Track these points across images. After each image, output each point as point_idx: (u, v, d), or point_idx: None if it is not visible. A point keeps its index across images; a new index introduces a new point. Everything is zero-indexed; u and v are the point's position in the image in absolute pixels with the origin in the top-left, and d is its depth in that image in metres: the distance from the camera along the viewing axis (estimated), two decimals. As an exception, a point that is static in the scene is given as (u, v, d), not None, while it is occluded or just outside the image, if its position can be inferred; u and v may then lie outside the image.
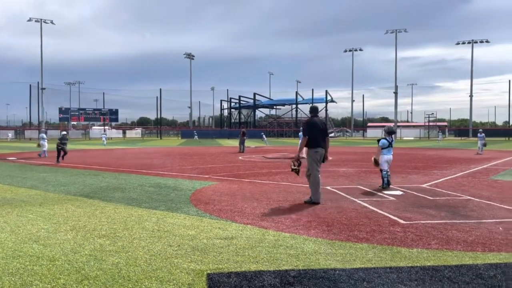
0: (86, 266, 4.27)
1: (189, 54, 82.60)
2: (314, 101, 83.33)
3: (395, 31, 73.55)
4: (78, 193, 9.18)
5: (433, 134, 70.37)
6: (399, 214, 6.82)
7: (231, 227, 5.96)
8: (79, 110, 71.56)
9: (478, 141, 25.43)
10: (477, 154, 23.86)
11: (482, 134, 25.43)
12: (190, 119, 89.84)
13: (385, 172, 9.96)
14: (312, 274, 4.04)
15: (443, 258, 4.51)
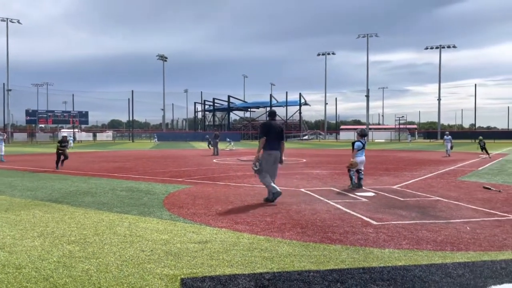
0: (55, 273, 4.13)
1: (162, 56, 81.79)
2: (288, 104, 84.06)
3: (367, 36, 75.19)
4: (46, 198, 8.89)
5: (404, 136, 72.19)
6: (371, 215, 6.94)
7: (205, 231, 5.91)
8: (47, 112, 69.57)
9: (444, 144, 25.62)
10: (445, 156, 24.06)
11: (449, 137, 25.61)
12: (163, 121, 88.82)
13: (355, 172, 10.42)
14: (286, 276, 4.04)
15: (413, 258, 4.61)
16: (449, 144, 24.94)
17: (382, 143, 60.49)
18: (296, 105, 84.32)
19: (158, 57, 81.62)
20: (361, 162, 10.52)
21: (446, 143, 25.16)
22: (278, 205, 7.92)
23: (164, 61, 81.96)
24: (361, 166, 10.53)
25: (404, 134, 72.86)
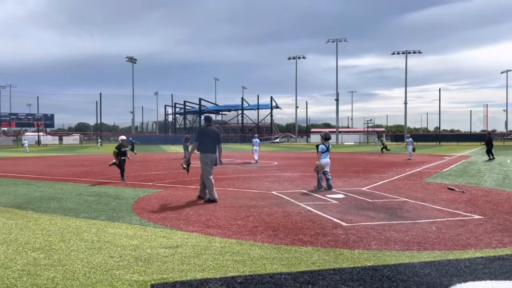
0: (19, 282, 3.96)
1: (131, 58, 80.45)
2: (259, 107, 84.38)
3: (336, 40, 76.57)
4: (9, 204, 8.53)
5: (372, 139, 73.86)
6: (341, 216, 7.05)
7: (176, 235, 5.83)
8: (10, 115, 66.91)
9: (407, 147, 25.40)
10: (408, 159, 23.77)
11: (410, 139, 25.47)
12: (133, 124, 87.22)
13: (322, 174, 10.81)
14: (258, 279, 4.05)
15: (382, 258, 4.71)
16: (411, 147, 24.75)
17: (351, 145, 61.65)
18: (268, 108, 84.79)
19: (127, 59, 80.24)
20: (326, 164, 10.93)
21: (408, 145, 25.05)
22: (250, 208, 7.92)
23: (133, 63, 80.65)
24: (326, 168, 10.92)
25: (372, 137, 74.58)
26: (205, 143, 9.03)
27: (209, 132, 9.21)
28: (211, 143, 9.08)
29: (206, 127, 9.35)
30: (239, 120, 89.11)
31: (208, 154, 9.03)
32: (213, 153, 9.09)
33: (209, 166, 9.03)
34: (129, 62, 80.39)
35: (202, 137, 9.11)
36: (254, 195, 9.72)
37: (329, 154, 11.26)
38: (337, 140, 74.19)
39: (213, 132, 9.27)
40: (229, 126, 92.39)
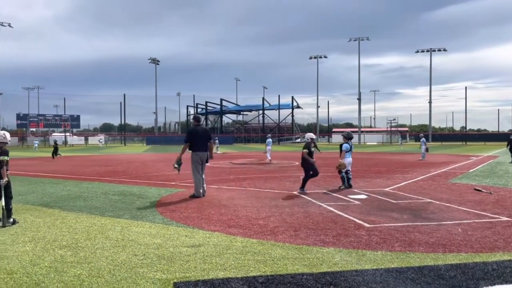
0: (46, 278, 4.08)
1: (154, 59, 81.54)
2: (280, 107, 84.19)
3: (358, 39, 75.64)
4: (37, 203, 8.80)
5: (395, 139, 72.64)
6: (364, 217, 6.97)
7: (198, 234, 5.89)
8: (38, 116, 68.94)
9: (421, 146, 24.33)
10: (420, 160, 22.83)
11: (423, 139, 24.61)
12: (156, 125, 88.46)
13: (344, 174, 10.78)
14: (279, 279, 4.04)
15: (406, 260, 4.64)
16: (424, 147, 23.82)
17: (373, 145, 60.82)
18: (289, 108, 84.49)
19: (150, 61, 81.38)
20: (348, 163, 10.93)
21: (422, 145, 24.10)
22: (271, 208, 7.92)
23: (156, 65, 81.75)
24: (349, 167, 10.92)
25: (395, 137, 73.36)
26: (195, 142, 9.45)
27: (199, 131, 9.61)
28: (201, 142, 9.49)
29: (196, 127, 9.74)
30: (260, 120, 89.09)
31: (198, 153, 9.47)
32: (203, 151, 9.51)
33: (198, 164, 9.46)
34: (152, 63, 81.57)
35: (192, 137, 9.49)
36: (275, 195, 9.71)
37: (352, 153, 11.20)
38: (360, 140, 73.30)
39: (203, 131, 9.74)
40: (250, 126, 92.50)
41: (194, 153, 9.49)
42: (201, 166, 9.54)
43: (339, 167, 10.77)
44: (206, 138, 9.64)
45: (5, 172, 6.58)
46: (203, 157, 9.54)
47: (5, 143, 6.73)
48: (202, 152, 9.52)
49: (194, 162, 9.48)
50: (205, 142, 9.59)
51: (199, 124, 9.91)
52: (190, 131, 9.70)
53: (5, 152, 6.68)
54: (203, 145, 9.55)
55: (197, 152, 9.48)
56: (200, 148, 9.50)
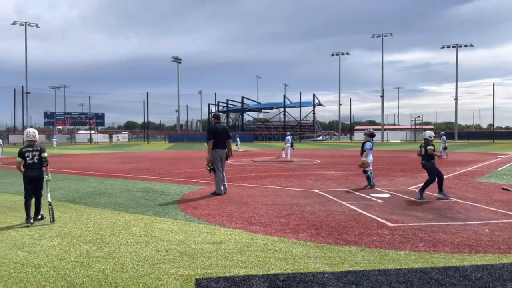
0: (72, 273, 4.19)
1: (176, 58, 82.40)
2: (302, 105, 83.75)
3: (381, 35, 74.50)
4: (63, 199, 9.04)
5: (419, 137, 71.26)
6: (386, 216, 6.87)
7: (220, 231, 5.93)
8: (64, 115, 70.68)
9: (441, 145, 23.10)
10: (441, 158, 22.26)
11: (443, 137, 23.82)
12: (178, 123, 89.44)
13: (370, 172, 10.58)
14: (301, 278, 4.03)
15: (430, 260, 4.55)
16: (443, 145, 22.84)
17: (397, 143, 59.82)
18: (310, 105, 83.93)
19: (172, 59, 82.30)
20: (370, 162, 10.76)
21: (442, 143, 23.10)
22: (292, 206, 7.90)
23: (178, 63, 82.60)
24: (370, 166, 10.76)
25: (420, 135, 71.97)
26: (215, 139, 9.53)
27: (219, 129, 9.71)
28: (221, 139, 9.60)
29: (215, 125, 9.83)
30: (281, 118, 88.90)
31: (218, 150, 9.56)
32: (222, 148, 9.62)
33: (218, 161, 9.56)
34: (174, 62, 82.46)
35: (213, 134, 9.55)
36: (296, 193, 9.68)
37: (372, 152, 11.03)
38: (383, 138, 72.26)
39: (223, 129, 9.83)
40: (271, 124, 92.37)
41: (213, 150, 9.57)
42: (221, 163, 9.64)
43: (363, 166, 10.58)
44: (225, 136, 9.75)
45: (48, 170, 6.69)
46: (222, 154, 9.65)
47: (35, 141, 6.69)
48: (222, 149, 9.63)
49: (214, 160, 9.57)
50: (224, 139, 9.70)
51: (219, 121, 10.03)
52: (211, 129, 9.78)
53: (44, 149, 6.70)
54: (223, 142, 9.66)
55: (216, 149, 9.57)
56: (220, 145, 9.60)
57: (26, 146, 6.62)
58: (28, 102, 65.18)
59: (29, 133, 6.69)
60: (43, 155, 6.55)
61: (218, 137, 9.57)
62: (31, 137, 6.65)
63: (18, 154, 6.60)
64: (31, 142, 6.63)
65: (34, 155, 6.51)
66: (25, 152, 6.52)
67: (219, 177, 9.49)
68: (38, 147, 6.59)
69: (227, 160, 9.88)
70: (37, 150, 6.56)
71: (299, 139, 75.08)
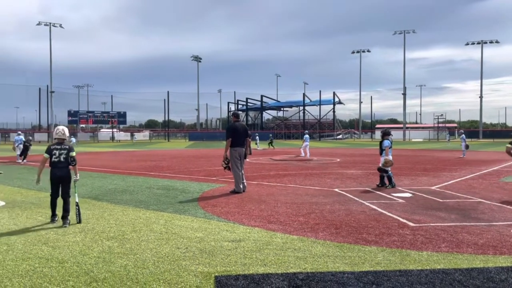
0: (95, 268, 4.28)
1: (196, 57, 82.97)
2: (321, 103, 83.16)
3: (403, 32, 73.20)
4: (86, 195, 9.23)
5: (443, 135, 69.82)
6: (408, 216, 6.76)
7: (239, 229, 5.95)
8: (87, 113, 72.14)
9: (461, 144, 23.09)
10: (461, 158, 21.70)
11: (463, 135, 23.50)
12: (198, 121, 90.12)
13: (391, 172, 10.32)
14: (320, 277, 4.01)
15: (453, 261, 4.45)
16: (464, 144, 22.57)
17: (419, 142, 58.76)
18: (330, 104, 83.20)
19: (192, 58, 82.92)
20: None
21: (462, 142, 22.89)
22: (312, 205, 7.86)
23: (198, 62, 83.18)
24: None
25: (443, 133, 70.47)
26: (235, 138, 9.61)
27: (238, 127, 9.78)
28: (240, 137, 9.68)
29: (235, 123, 9.88)
30: (300, 116, 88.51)
31: (237, 148, 9.65)
32: (241, 147, 9.71)
33: (237, 159, 9.62)
34: (194, 61, 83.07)
35: (232, 133, 9.62)
36: (316, 192, 9.63)
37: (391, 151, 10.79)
38: (404, 137, 71.08)
39: (242, 127, 9.91)
40: (290, 123, 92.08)
41: (233, 148, 9.64)
42: (240, 161, 9.69)
43: (386, 165, 10.31)
44: (244, 134, 9.83)
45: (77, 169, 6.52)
46: (241, 152, 9.72)
47: (64, 139, 6.51)
48: (241, 147, 9.72)
49: (233, 158, 9.63)
50: (243, 138, 9.77)
51: (238, 120, 10.12)
52: (230, 127, 9.84)
53: (72, 148, 6.55)
54: (242, 141, 9.74)
55: (236, 147, 9.64)
56: (239, 144, 9.69)
57: (54, 144, 6.48)
58: (52, 101, 66.78)
59: (58, 131, 6.55)
60: (71, 154, 6.39)
61: (237, 136, 9.64)
62: (60, 135, 6.49)
63: (45, 151, 6.48)
64: (60, 140, 6.49)
65: (61, 154, 6.36)
66: (53, 149, 6.37)
67: (238, 175, 9.55)
68: (66, 146, 6.45)
69: (245, 159, 9.94)
70: (65, 148, 6.41)
71: (318, 137, 74.62)
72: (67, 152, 6.39)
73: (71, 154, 6.40)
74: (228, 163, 9.70)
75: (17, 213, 7.21)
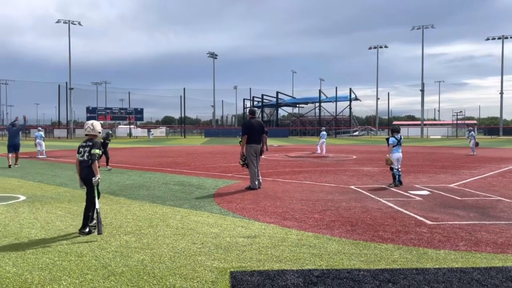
0: (113, 262, 4.36)
1: (212, 54, 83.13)
2: (338, 99, 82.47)
3: (422, 27, 71.91)
4: (104, 191, 9.37)
5: (462, 132, 68.53)
6: (425, 214, 6.68)
7: (254, 225, 5.97)
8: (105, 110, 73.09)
9: (470, 141, 22.76)
10: (470, 155, 21.41)
11: (472, 132, 23.01)
12: (213, 118, 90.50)
13: (395, 170, 10.05)
14: (336, 274, 4.00)
15: (471, 260, 4.38)
16: (473, 140, 22.23)
17: (438, 139, 57.80)
18: (346, 100, 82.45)
19: (208, 55, 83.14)
20: (397, 158, 10.15)
21: (471, 139, 22.47)
22: (327, 202, 7.83)
23: (214, 59, 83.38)
24: (396, 164, 10.11)
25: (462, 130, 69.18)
26: (250, 134, 9.63)
27: (254, 124, 9.80)
28: (256, 134, 9.69)
29: (250, 120, 9.96)
30: (316, 113, 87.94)
31: (253, 145, 9.69)
32: (257, 143, 9.74)
33: (253, 156, 9.65)
34: (210, 57, 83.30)
35: (248, 129, 9.65)
36: (331, 189, 9.58)
37: (401, 148, 10.46)
38: (422, 134, 70.02)
39: (258, 124, 9.92)
40: (306, 119, 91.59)
41: (249, 145, 9.69)
42: (256, 158, 9.71)
43: (387, 163, 10.19)
44: (260, 131, 9.83)
45: (97, 169, 5.60)
46: (257, 149, 9.75)
47: (95, 135, 5.82)
48: (257, 144, 9.75)
49: (249, 155, 9.68)
50: (259, 134, 9.79)
51: (254, 117, 10.17)
52: (246, 124, 9.90)
53: (97, 144, 5.69)
54: (258, 137, 9.76)
55: (252, 144, 9.68)
56: (255, 140, 9.72)
57: (83, 141, 5.82)
58: (71, 97, 67.91)
59: (86, 126, 5.86)
60: (92, 152, 5.56)
61: (253, 132, 9.66)
62: (88, 130, 5.79)
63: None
64: (88, 136, 5.79)
65: (85, 152, 5.63)
66: (79, 147, 5.73)
67: (254, 171, 9.58)
68: (90, 142, 5.68)
69: (261, 155, 9.95)
70: (89, 145, 5.64)
71: (334, 134, 74.09)
72: (89, 149, 5.61)
73: (92, 151, 5.57)
74: (245, 160, 9.74)
75: (37, 208, 7.38)
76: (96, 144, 5.68)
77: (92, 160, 5.55)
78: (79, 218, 6.45)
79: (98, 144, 5.71)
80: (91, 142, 5.69)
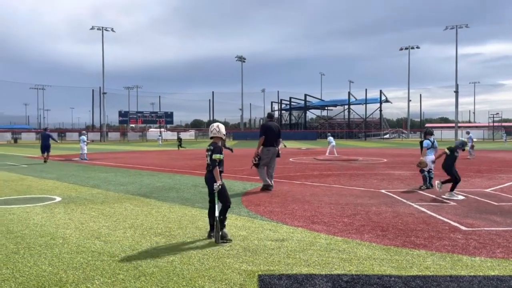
0: (143, 262, 4.44)
1: (241, 57, 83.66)
2: (367, 102, 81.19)
3: (456, 27, 69.83)
4: (136, 193, 9.59)
5: (498, 135, 65.95)
6: (460, 220, 6.46)
7: (282, 229, 5.95)
8: (137, 113, 74.88)
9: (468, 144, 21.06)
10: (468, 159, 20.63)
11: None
12: (241, 121, 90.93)
13: (426, 173, 10.03)
14: (365, 279, 3.92)
15: (509, 268, 4.20)
16: (470, 143, 20.99)
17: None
18: (376, 102, 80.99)
19: (237, 58, 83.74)
20: (430, 161, 10.14)
21: (468, 143, 20.69)
22: (357, 206, 7.70)
23: (242, 62, 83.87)
24: (431, 166, 10.12)
25: (499, 133, 66.56)
26: (268, 137, 9.73)
27: (272, 127, 9.93)
28: (273, 137, 9.82)
29: (268, 122, 10.10)
30: (345, 115, 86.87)
31: (270, 148, 9.81)
32: (274, 146, 9.86)
33: (268, 158, 9.80)
34: (238, 61, 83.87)
35: (266, 132, 9.77)
36: (361, 193, 9.42)
37: (435, 151, 10.33)
38: (456, 136, 67.86)
39: (276, 127, 10.05)
40: (335, 122, 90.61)
41: (266, 148, 9.78)
42: (271, 161, 9.84)
43: (420, 165, 10.01)
44: (277, 134, 9.95)
45: (218, 174, 5.37)
46: (274, 151, 9.86)
47: (220, 138, 5.55)
48: (273, 147, 9.85)
49: (266, 157, 9.79)
50: (276, 138, 9.91)
51: (272, 120, 10.32)
52: (265, 126, 9.98)
53: (217, 149, 5.38)
54: (274, 140, 9.87)
55: (269, 147, 9.79)
56: (272, 143, 9.83)
57: (209, 144, 5.54)
58: (104, 102, 69.91)
59: (212, 128, 5.58)
60: (213, 157, 5.32)
61: (270, 135, 9.77)
62: (214, 133, 5.51)
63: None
64: (215, 139, 5.53)
65: (208, 156, 5.43)
66: (206, 151, 5.51)
67: (262, 171, 9.74)
68: (212, 147, 5.42)
69: (278, 157, 10.07)
70: (210, 149, 5.41)
71: (364, 137, 72.92)
72: (211, 153, 5.37)
73: (213, 156, 5.32)
74: (259, 160, 9.81)
75: (72, 209, 7.62)
76: (216, 148, 5.39)
77: (212, 166, 5.32)
78: (112, 219, 6.63)
79: (218, 148, 5.41)
80: (213, 146, 5.40)
